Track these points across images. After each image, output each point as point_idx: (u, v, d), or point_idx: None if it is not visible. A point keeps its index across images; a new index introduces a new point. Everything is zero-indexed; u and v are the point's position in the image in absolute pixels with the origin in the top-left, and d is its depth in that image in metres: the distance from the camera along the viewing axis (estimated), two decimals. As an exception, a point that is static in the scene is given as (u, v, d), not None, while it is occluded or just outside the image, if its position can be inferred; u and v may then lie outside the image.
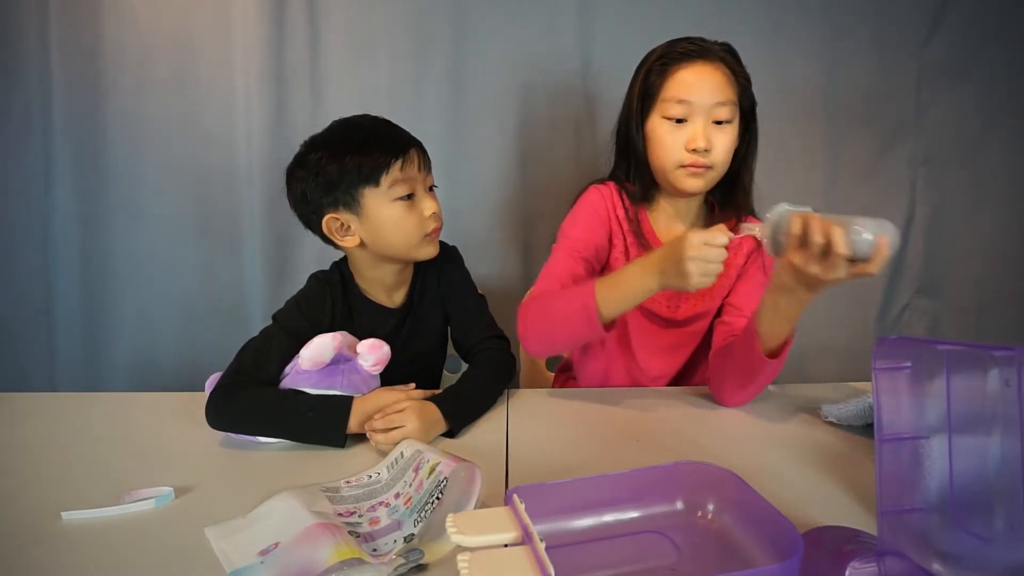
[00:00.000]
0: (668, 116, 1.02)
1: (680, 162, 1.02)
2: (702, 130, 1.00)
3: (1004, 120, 1.75)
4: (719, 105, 1.00)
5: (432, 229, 1.04)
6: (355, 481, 0.78)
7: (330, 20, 1.59)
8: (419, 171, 1.02)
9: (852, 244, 0.73)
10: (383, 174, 0.99)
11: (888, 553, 0.55)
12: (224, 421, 0.90)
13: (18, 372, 1.68)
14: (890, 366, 0.59)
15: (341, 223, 1.02)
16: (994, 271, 1.82)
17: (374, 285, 1.09)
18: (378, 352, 0.95)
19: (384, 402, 0.89)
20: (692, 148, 1.00)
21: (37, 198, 1.62)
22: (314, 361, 0.91)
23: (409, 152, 1.01)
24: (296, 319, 1.02)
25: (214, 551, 0.64)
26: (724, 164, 1.04)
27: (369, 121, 1.05)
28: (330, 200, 1.01)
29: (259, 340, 0.99)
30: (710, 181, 1.04)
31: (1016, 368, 0.50)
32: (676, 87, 1.01)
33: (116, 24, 1.56)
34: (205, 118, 1.61)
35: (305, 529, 0.64)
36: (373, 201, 1.00)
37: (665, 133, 1.02)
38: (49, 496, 0.75)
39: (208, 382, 0.95)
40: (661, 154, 1.04)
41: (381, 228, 1.01)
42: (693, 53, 1.02)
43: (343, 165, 0.98)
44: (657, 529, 0.66)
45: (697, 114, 1.00)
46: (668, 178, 1.05)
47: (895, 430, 0.58)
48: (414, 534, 0.62)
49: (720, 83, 1.01)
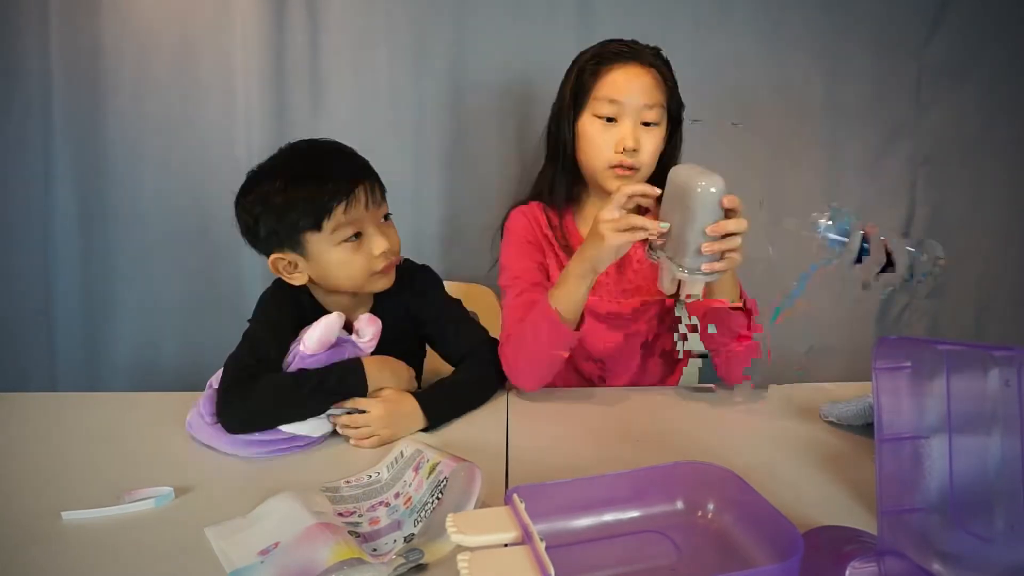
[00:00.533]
0: (599, 115, 1.04)
1: (609, 162, 1.04)
2: (631, 130, 1.03)
3: (1004, 120, 1.75)
4: (648, 107, 1.03)
5: (381, 268, 0.99)
6: (355, 481, 0.78)
7: (330, 20, 1.59)
8: (367, 209, 0.96)
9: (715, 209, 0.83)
10: (324, 218, 0.93)
11: (888, 553, 0.55)
12: (243, 420, 0.87)
13: (18, 372, 1.67)
14: (890, 366, 0.59)
15: (288, 262, 0.98)
16: (994, 271, 1.82)
17: (332, 305, 1.05)
18: (375, 326, 0.97)
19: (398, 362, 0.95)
20: (621, 148, 1.03)
21: (37, 198, 1.61)
22: (323, 341, 0.91)
23: (355, 192, 0.95)
24: (274, 311, 1.01)
25: (214, 551, 0.64)
26: (650, 166, 1.06)
27: (314, 152, 1.00)
28: (275, 240, 0.97)
29: (245, 344, 0.97)
30: (637, 182, 1.02)
31: (1016, 368, 0.50)
32: (608, 87, 1.04)
33: (116, 24, 1.56)
34: (205, 118, 1.61)
35: (305, 529, 0.64)
36: (317, 246, 0.95)
37: (596, 132, 1.05)
38: (49, 496, 0.75)
39: (203, 397, 0.93)
40: (591, 153, 1.06)
41: (327, 269, 0.97)
42: (625, 54, 1.05)
43: (287, 202, 0.94)
44: (657, 529, 0.66)
45: (627, 114, 1.03)
46: (597, 178, 1.08)
47: (895, 430, 0.58)
48: (414, 534, 0.62)
49: (650, 85, 1.04)
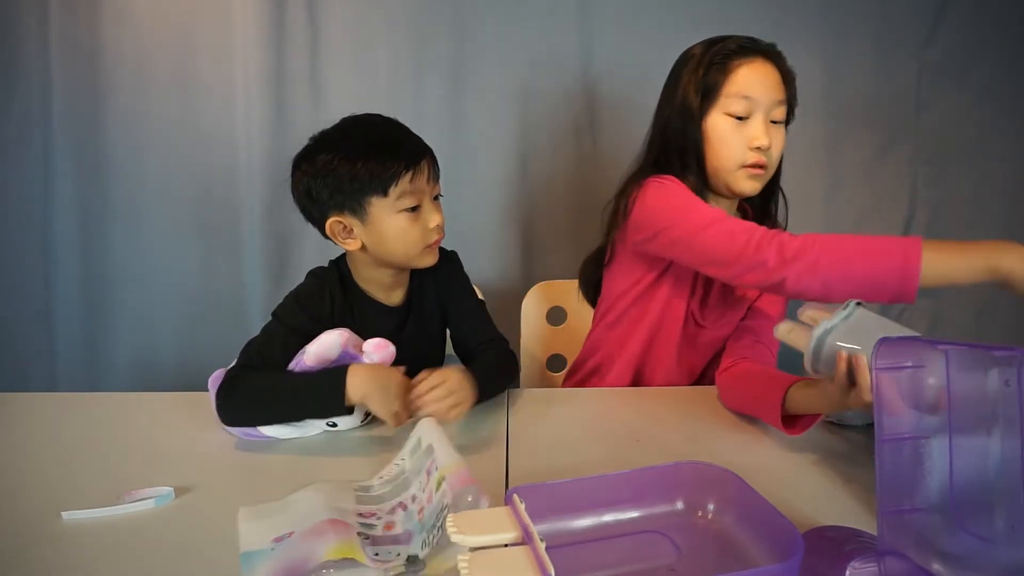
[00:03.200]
0: (731, 113, 0.99)
1: (742, 161, 0.99)
2: (763, 128, 0.98)
3: (1004, 120, 1.75)
4: (779, 104, 0.99)
5: (434, 241, 1.03)
6: (386, 475, 0.78)
7: (330, 20, 1.59)
8: (428, 182, 1.00)
9: None
10: (392, 185, 0.97)
11: (888, 553, 0.55)
12: (233, 414, 0.90)
13: (18, 372, 1.67)
14: (890, 366, 0.59)
15: (344, 226, 1.01)
16: (994, 271, 1.82)
17: (372, 284, 1.09)
18: (383, 351, 0.94)
19: (399, 384, 0.89)
20: (755, 146, 0.98)
21: (37, 198, 1.61)
22: (320, 358, 0.91)
23: (421, 163, 0.99)
24: (297, 315, 1.01)
25: (238, 531, 0.65)
26: (775, 166, 1.02)
27: (382, 123, 1.03)
28: (336, 203, 1.00)
29: (261, 337, 0.98)
30: (764, 182, 1.02)
31: (1016, 368, 0.50)
32: (740, 83, 0.98)
33: (116, 24, 1.56)
34: (205, 118, 1.61)
35: (317, 523, 0.64)
36: (379, 210, 0.98)
37: (728, 130, 0.99)
38: (49, 496, 0.75)
39: (211, 379, 0.94)
40: (724, 153, 1.00)
41: (384, 237, 1.00)
42: (752, 49, 1.00)
43: (353, 170, 0.97)
44: (657, 529, 0.66)
45: (758, 111, 0.98)
46: (727, 179, 1.01)
47: (895, 430, 0.58)
48: (418, 556, 0.62)
49: (778, 82, 1.00)
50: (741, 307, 1.12)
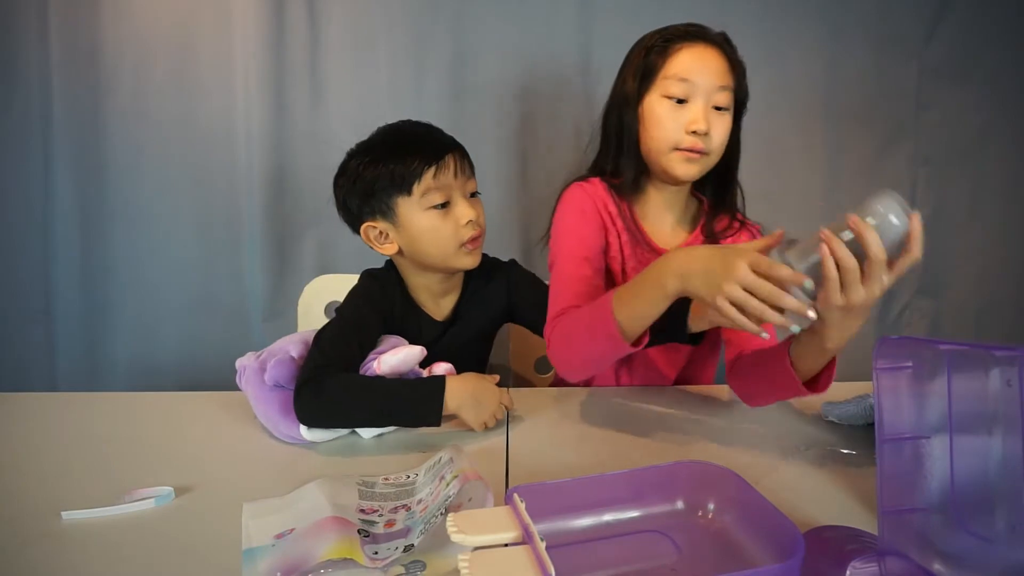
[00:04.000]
0: (669, 95, 0.97)
1: (677, 144, 0.97)
2: (703, 111, 0.96)
3: (1004, 120, 1.75)
4: (721, 89, 0.97)
5: (469, 238, 1.01)
6: (393, 479, 0.78)
7: (330, 20, 1.59)
8: (455, 177, 1.00)
9: (885, 242, 0.65)
10: (415, 182, 0.97)
11: (889, 553, 0.55)
12: (317, 414, 0.87)
13: (18, 372, 1.67)
14: (891, 366, 0.59)
15: (379, 231, 1.02)
16: (994, 271, 1.82)
17: (421, 291, 1.08)
18: None
19: (492, 393, 0.91)
20: (692, 130, 0.96)
21: (37, 198, 1.61)
22: (395, 369, 0.92)
23: (444, 158, 0.98)
24: (365, 312, 1.00)
25: (241, 527, 0.65)
26: (719, 152, 1.00)
27: (409, 127, 1.04)
28: (367, 209, 1.01)
29: (333, 332, 0.96)
30: (704, 168, 1.00)
31: (1017, 368, 0.50)
32: (679, 65, 0.97)
33: (116, 24, 1.56)
34: (205, 118, 1.61)
35: (319, 520, 0.64)
36: (407, 210, 0.99)
37: (664, 112, 0.98)
38: (49, 496, 0.75)
39: (239, 364, 0.95)
40: (658, 135, 0.98)
41: (416, 237, 1.00)
42: (695, 34, 0.99)
43: (376, 173, 0.98)
44: (657, 529, 0.65)
45: (698, 95, 0.96)
46: (661, 161, 1.00)
47: (896, 430, 0.59)
48: (413, 545, 0.62)
49: (722, 67, 0.98)
50: None
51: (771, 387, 0.89)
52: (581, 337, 0.89)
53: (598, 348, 0.86)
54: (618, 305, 0.82)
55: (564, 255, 1.02)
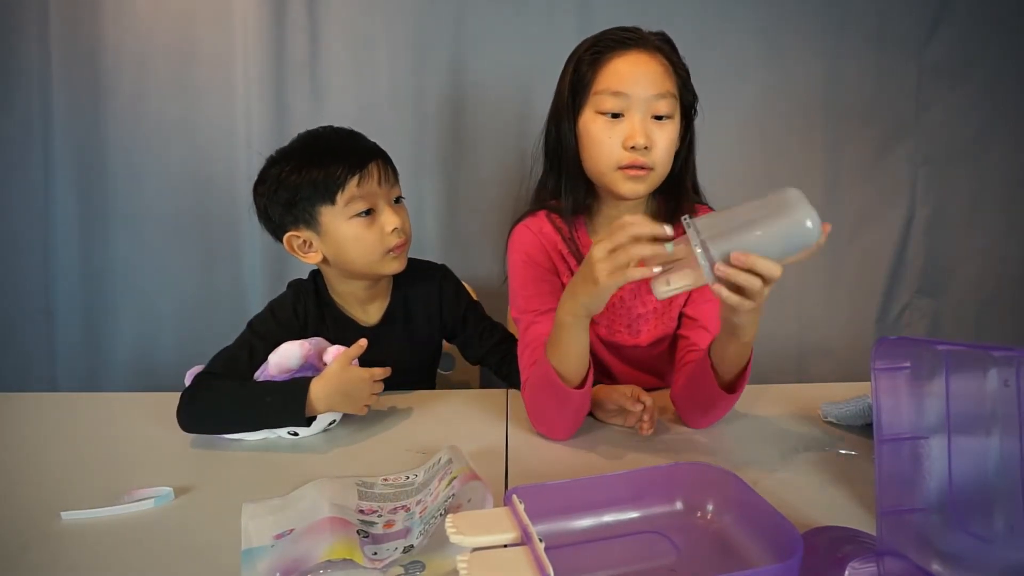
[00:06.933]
0: (602, 110, 0.91)
1: (618, 163, 0.91)
2: (640, 125, 0.89)
3: (1004, 120, 1.75)
4: (658, 97, 0.90)
5: (394, 245, 1.00)
6: (392, 480, 0.78)
7: (330, 20, 1.59)
8: (380, 185, 0.98)
9: (793, 246, 0.66)
10: (339, 191, 0.96)
11: (888, 553, 0.55)
12: (191, 421, 0.90)
13: (18, 372, 1.67)
14: (890, 366, 0.60)
15: (303, 240, 1.00)
16: (994, 271, 1.82)
17: (347, 299, 1.07)
18: None
19: (359, 382, 0.90)
20: (631, 145, 0.89)
21: (37, 198, 1.61)
22: (281, 367, 0.91)
23: (367, 167, 0.97)
24: (268, 324, 1.01)
25: (240, 528, 0.65)
26: (665, 165, 0.93)
27: (330, 133, 1.02)
28: (290, 218, 0.99)
29: (233, 345, 0.98)
30: (651, 184, 0.93)
31: (1015, 368, 0.50)
32: (610, 78, 0.90)
33: (116, 24, 1.56)
34: (205, 119, 1.61)
35: (317, 521, 0.64)
36: (330, 219, 0.97)
37: (599, 130, 0.91)
38: (49, 496, 0.75)
39: (188, 374, 0.95)
40: (596, 154, 0.92)
41: (341, 245, 0.98)
42: (628, 41, 0.92)
43: (299, 181, 0.96)
44: (657, 529, 0.66)
45: (634, 108, 0.89)
46: (604, 181, 0.94)
47: (895, 430, 0.59)
48: (413, 546, 0.62)
49: (658, 73, 0.91)
50: (660, 316, 1.06)
51: (696, 394, 0.90)
52: (539, 396, 0.90)
53: (552, 402, 0.88)
54: (550, 353, 0.85)
55: (520, 317, 1.00)
